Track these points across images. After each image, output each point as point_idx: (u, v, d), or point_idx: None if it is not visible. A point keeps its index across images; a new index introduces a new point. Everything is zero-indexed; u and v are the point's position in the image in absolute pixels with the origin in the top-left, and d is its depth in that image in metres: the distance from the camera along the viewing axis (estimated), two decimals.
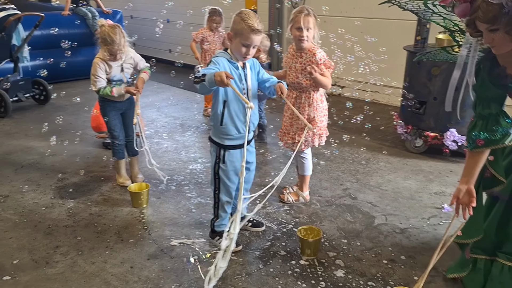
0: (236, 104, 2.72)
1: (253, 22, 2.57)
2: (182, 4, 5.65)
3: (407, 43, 4.75)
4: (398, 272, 2.76)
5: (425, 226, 3.26)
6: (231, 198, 2.96)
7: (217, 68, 2.57)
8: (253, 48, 2.65)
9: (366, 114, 5.86)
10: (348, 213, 3.45)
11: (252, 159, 2.98)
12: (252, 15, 2.62)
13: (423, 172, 4.15)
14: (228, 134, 2.77)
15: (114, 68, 3.56)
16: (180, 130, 5.32)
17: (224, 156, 2.82)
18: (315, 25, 3.21)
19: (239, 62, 2.73)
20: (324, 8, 4.04)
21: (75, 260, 2.88)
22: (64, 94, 5.71)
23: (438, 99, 4.26)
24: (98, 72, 3.49)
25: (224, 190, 2.91)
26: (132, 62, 3.67)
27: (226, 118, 2.72)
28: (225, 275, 2.71)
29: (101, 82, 3.51)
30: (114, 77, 3.58)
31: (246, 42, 2.61)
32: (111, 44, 3.42)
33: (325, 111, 3.46)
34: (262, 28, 2.62)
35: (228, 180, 2.87)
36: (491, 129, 2.23)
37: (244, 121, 2.73)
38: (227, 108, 2.71)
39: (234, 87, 2.52)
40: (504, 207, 2.46)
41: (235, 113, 2.72)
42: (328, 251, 2.97)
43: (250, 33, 2.58)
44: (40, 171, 4.21)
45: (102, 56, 3.51)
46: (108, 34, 3.41)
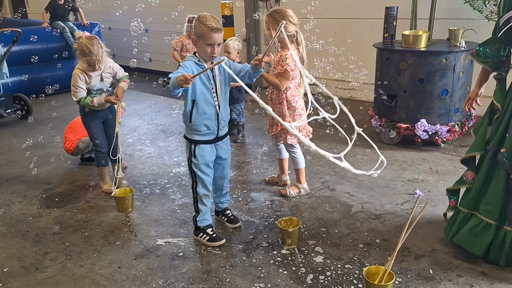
0: (204, 103, 2.89)
1: (211, 22, 2.75)
2: (161, 13, 5.78)
3: (376, 41, 4.93)
4: (374, 254, 2.92)
5: (398, 211, 3.43)
6: (208, 191, 3.10)
7: (185, 71, 2.74)
8: (218, 46, 2.82)
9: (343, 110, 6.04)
10: (327, 204, 3.60)
11: (225, 156, 3.14)
12: (210, 17, 2.79)
13: (397, 162, 4.32)
14: (197, 130, 2.95)
15: (93, 78, 3.66)
16: (163, 136, 5.44)
17: (195, 150, 2.99)
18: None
19: (207, 63, 2.89)
20: (303, 11, 4.23)
21: (64, 264, 2.98)
22: (46, 108, 5.80)
23: (408, 92, 4.45)
24: (78, 82, 3.60)
25: (200, 183, 3.06)
26: (111, 71, 3.78)
27: (195, 116, 2.91)
28: (210, 268, 2.84)
29: (81, 92, 3.61)
30: (94, 87, 3.69)
31: (209, 42, 2.79)
32: (89, 55, 3.53)
33: (301, 110, 3.56)
34: (221, 26, 2.79)
35: (201, 173, 3.02)
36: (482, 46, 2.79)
37: (212, 119, 2.92)
38: (196, 107, 2.89)
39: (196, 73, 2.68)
40: (490, 161, 2.74)
41: (202, 111, 2.90)
42: (308, 240, 3.11)
43: (210, 32, 2.75)
44: (25, 183, 4.29)
45: (81, 67, 3.62)
46: (85, 45, 3.52)
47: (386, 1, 5.26)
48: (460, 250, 2.88)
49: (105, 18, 9.48)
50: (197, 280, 2.74)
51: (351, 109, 6.25)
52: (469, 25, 4.77)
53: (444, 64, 4.28)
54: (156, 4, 3.97)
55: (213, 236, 3.12)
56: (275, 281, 2.70)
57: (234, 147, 4.97)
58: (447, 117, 4.46)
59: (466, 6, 4.84)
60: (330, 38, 6.01)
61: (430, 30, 4.76)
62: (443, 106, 4.42)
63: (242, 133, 5.11)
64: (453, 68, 4.29)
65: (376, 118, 4.80)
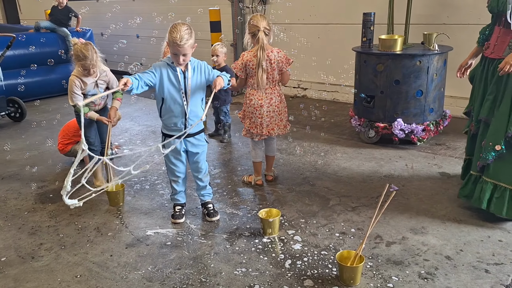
0: (172, 102, 3.19)
1: (176, 34, 2.98)
2: (150, 19, 6.01)
3: (355, 45, 5.19)
4: (348, 242, 3.15)
5: (373, 203, 3.66)
6: (176, 178, 3.48)
7: (151, 72, 3.10)
8: (183, 55, 3.06)
9: (326, 111, 6.31)
10: (306, 198, 3.83)
11: (196, 150, 3.40)
12: (179, 28, 3.01)
13: (375, 159, 4.57)
14: (166, 125, 3.30)
15: (89, 84, 3.87)
16: (153, 136, 5.66)
17: (164, 141, 3.30)
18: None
19: (180, 66, 3.16)
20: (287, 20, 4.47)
21: (58, 254, 3.18)
22: (39, 111, 5.99)
23: (385, 93, 4.70)
24: (74, 88, 3.81)
25: (169, 170, 3.49)
26: (106, 79, 3.99)
27: (164, 112, 3.24)
28: (195, 255, 3.06)
29: (77, 98, 3.82)
30: (88, 92, 3.90)
31: (174, 51, 3.06)
32: (83, 59, 3.73)
33: (254, 109, 3.84)
34: (185, 39, 2.99)
35: (169, 162, 3.42)
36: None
37: (179, 117, 3.22)
38: (164, 104, 3.21)
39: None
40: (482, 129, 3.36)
41: (170, 109, 3.21)
42: (288, 230, 3.34)
43: (174, 45, 3.01)
44: (20, 181, 4.48)
45: (77, 73, 3.83)
46: (80, 50, 3.73)
47: (364, 7, 5.54)
48: (429, 237, 3.12)
49: (96, 24, 9.68)
50: (183, 266, 2.96)
51: (335, 110, 6.57)
52: (442, 30, 5.05)
53: (418, 66, 4.54)
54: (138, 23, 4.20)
55: (175, 214, 3.53)
56: (256, 266, 2.92)
57: (221, 146, 5.20)
58: (422, 116, 4.71)
59: (440, 11, 5.13)
60: (312, 42, 6.30)
61: (406, 34, 5.03)
62: (418, 106, 4.68)
63: (228, 133, 5.34)
64: (427, 70, 4.55)
65: (355, 118, 5.05)
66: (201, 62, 3.30)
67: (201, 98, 3.31)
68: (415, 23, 5.30)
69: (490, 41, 3.33)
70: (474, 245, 3.04)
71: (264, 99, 3.81)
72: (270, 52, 3.74)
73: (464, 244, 3.05)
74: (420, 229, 3.26)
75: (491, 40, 3.32)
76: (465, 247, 3.02)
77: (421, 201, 3.67)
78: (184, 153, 3.39)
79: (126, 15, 9.47)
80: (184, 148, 3.36)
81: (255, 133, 3.91)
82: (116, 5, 8.77)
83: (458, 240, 3.10)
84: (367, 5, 5.79)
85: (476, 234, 3.16)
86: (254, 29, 3.69)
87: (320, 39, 6.73)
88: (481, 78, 3.37)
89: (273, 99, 3.84)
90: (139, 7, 9.50)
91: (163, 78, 3.16)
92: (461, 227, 3.26)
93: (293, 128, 5.66)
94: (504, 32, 3.17)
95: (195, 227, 3.44)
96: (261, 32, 3.67)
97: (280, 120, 3.91)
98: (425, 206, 3.58)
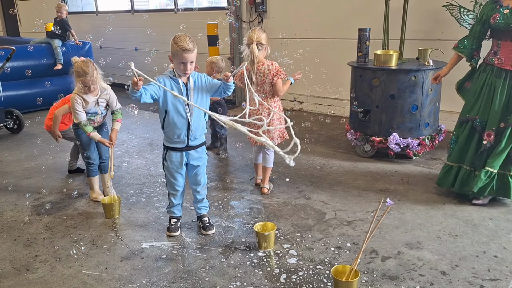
0: (175, 114, 3.21)
1: (183, 43, 3.04)
2: (148, 33, 6.06)
3: (351, 60, 5.24)
4: (343, 256, 3.15)
5: (369, 217, 3.67)
6: (174, 191, 3.47)
7: (156, 84, 3.09)
8: (190, 63, 3.11)
9: (322, 125, 6.34)
10: (302, 211, 3.84)
11: (196, 163, 3.41)
12: (183, 37, 3.07)
13: (371, 173, 4.59)
14: (169, 137, 3.30)
15: (90, 103, 3.90)
16: (149, 148, 5.67)
17: (166, 155, 3.35)
18: None
19: (182, 78, 3.20)
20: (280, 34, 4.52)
21: (53, 266, 3.17)
22: (37, 122, 6.00)
23: (380, 107, 4.74)
24: (76, 106, 3.83)
25: (168, 184, 3.48)
26: (107, 97, 4.01)
27: (166, 125, 3.25)
28: (190, 269, 3.06)
29: (81, 115, 3.85)
30: (89, 110, 3.92)
31: (182, 61, 3.10)
32: (83, 75, 3.76)
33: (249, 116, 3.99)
34: (192, 46, 3.07)
35: (169, 175, 3.41)
36: (461, 41, 3.89)
37: (182, 129, 3.22)
38: (167, 116, 3.23)
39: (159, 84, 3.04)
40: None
41: (172, 121, 3.22)
42: (283, 244, 3.34)
43: (182, 52, 3.06)
44: (16, 192, 4.48)
45: (78, 91, 3.85)
46: (80, 67, 3.76)
47: (360, 22, 5.60)
48: (424, 252, 3.13)
49: (96, 37, 9.74)
50: (178, 279, 2.95)
51: (331, 124, 6.59)
52: (437, 45, 5.10)
53: (413, 81, 4.59)
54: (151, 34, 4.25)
55: (171, 227, 3.53)
56: (251, 280, 2.92)
57: (217, 159, 5.22)
58: (418, 131, 4.74)
59: (434, 27, 5.19)
60: (308, 56, 6.36)
61: (401, 49, 5.08)
62: (413, 121, 4.71)
63: (224, 146, 5.36)
64: (422, 85, 4.60)
65: (351, 132, 5.08)
66: (201, 73, 3.33)
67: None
68: (410, 39, 5.36)
69: (501, 55, 3.63)
70: (469, 260, 3.05)
71: (253, 111, 3.91)
72: (261, 65, 3.86)
73: (459, 260, 3.06)
74: (416, 244, 3.27)
75: (502, 55, 3.62)
76: (461, 262, 3.03)
77: (416, 216, 3.68)
78: (184, 166, 3.40)
79: (124, 29, 9.59)
80: (185, 161, 3.37)
81: (250, 138, 3.98)
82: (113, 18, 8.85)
83: (454, 255, 3.11)
84: (362, 20, 5.86)
85: (472, 250, 3.17)
86: (249, 41, 3.80)
87: (317, 53, 6.79)
88: (502, 89, 3.64)
89: (261, 111, 3.93)
90: (136, 21, 9.58)
91: (166, 91, 3.16)
92: (456, 242, 3.27)
93: (289, 141, 5.68)
94: None
95: (191, 240, 3.44)
96: (253, 45, 3.77)
97: (267, 131, 3.95)
98: (421, 221, 3.59)
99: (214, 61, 5.03)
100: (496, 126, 3.69)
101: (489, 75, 3.73)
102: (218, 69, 5.00)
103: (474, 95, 3.83)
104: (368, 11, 6.02)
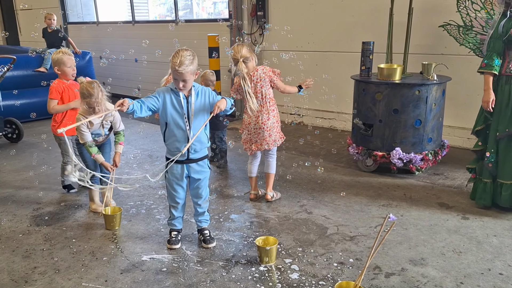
0: (175, 126, 3.21)
1: (176, 60, 3.03)
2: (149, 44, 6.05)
3: (354, 73, 5.23)
4: (346, 272, 3.11)
5: (372, 233, 3.63)
6: (175, 204, 3.45)
7: (155, 97, 3.14)
8: (183, 81, 3.09)
9: (323, 139, 6.32)
10: (303, 226, 3.80)
11: (197, 176, 3.39)
12: (181, 54, 3.06)
13: (373, 188, 4.55)
14: (170, 150, 3.29)
15: (95, 124, 3.88)
16: (149, 160, 5.64)
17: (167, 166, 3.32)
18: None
19: (183, 91, 3.19)
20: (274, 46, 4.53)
21: (52, 278, 3.12)
22: (36, 132, 5.97)
23: (383, 122, 4.72)
24: (81, 127, 3.81)
25: (169, 196, 3.47)
26: (112, 119, 3.98)
27: (167, 137, 3.26)
28: (191, 282, 3.01)
29: (86, 136, 3.82)
30: (94, 131, 3.90)
31: (175, 77, 3.11)
32: (88, 97, 3.73)
33: (245, 126, 4.16)
34: (185, 65, 3.04)
35: (170, 187, 3.40)
36: (490, 59, 3.80)
37: (182, 142, 3.22)
38: (168, 129, 3.23)
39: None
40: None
41: (173, 134, 3.22)
42: (285, 258, 3.29)
43: (174, 70, 3.06)
44: (15, 203, 4.43)
45: (82, 112, 3.82)
46: (86, 88, 3.73)
47: (363, 36, 5.61)
48: (428, 269, 3.09)
49: (96, 48, 9.76)
50: None
51: (332, 137, 6.57)
52: (440, 60, 5.11)
53: (417, 96, 4.58)
54: (146, 44, 4.27)
55: (171, 239, 3.49)
56: None
57: (217, 172, 5.18)
58: (421, 146, 4.72)
59: (438, 42, 5.20)
60: (310, 69, 6.36)
61: (405, 64, 5.08)
62: (417, 136, 4.69)
63: (224, 159, 5.33)
64: (426, 100, 4.59)
65: (353, 146, 5.06)
66: (205, 87, 3.32)
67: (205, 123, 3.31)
68: (414, 53, 5.37)
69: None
70: (474, 278, 3.01)
71: (252, 117, 4.06)
72: (255, 72, 3.98)
73: (464, 277, 3.01)
74: (420, 260, 3.23)
75: None
76: (466, 279, 2.99)
77: (420, 232, 3.64)
78: (186, 178, 3.37)
79: (125, 39, 9.60)
80: (186, 174, 3.35)
81: (247, 148, 4.18)
82: (113, 29, 8.86)
83: (458, 272, 3.07)
84: (366, 34, 5.87)
85: (476, 267, 3.13)
86: (234, 61, 3.92)
87: (318, 66, 6.79)
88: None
89: (260, 117, 4.04)
90: (138, 31, 9.60)
91: (166, 103, 3.18)
92: (461, 259, 3.23)
93: (290, 155, 5.67)
94: None
95: (191, 254, 3.39)
96: (240, 63, 3.87)
97: (268, 135, 4.08)
98: (424, 237, 3.55)
99: (203, 75, 5.13)
100: None
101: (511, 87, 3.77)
102: (206, 82, 5.07)
103: (500, 109, 3.82)
104: (372, 25, 6.04)
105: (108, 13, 10.97)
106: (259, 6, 7.38)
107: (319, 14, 6.74)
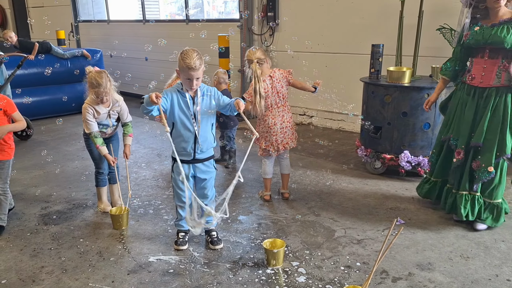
0: (182, 127, 3.23)
1: (189, 60, 3.03)
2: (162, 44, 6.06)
3: (363, 75, 5.21)
4: (353, 276, 3.10)
5: (379, 236, 3.62)
6: (182, 203, 3.42)
7: (164, 97, 3.12)
8: (196, 79, 3.11)
9: (332, 140, 6.31)
10: (311, 228, 3.79)
11: (203, 176, 3.40)
12: (190, 54, 3.06)
13: (381, 191, 4.53)
14: (176, 150, 3.26)
15: (102, 114, 3.88)
16: (158, 159, 5.65)
17: (173, 166, 3.35)
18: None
19: (189, 92, 3.20)
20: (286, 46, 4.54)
21: (60, 278, 3.14)
22: (45, 130, 6.01)
23: (392, 124, 4.70)
24: (88, 116, 3.81)
25: (176, 195, 3.47)
26: (119, 109, 3.97)
27: (174, 137, 3.26)
28: (198, 284, 3.01)
29: (92, 125, 3.82)
30: (101, 121, 3.90)
31: (188, 77, 3.11)
32: (97, 87, 3.73)
33: (269, 128, 4.15)
34: (199, 64, 3.06)
35: (176, 187, 3.41)
36: (445, 64, 3.89)
37: (188, 142, 3.24)
38: (175, 129, 3.25)
39: (161, 107, 3.06)
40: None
41: (179, 134, 3.24)
42: (292, 261, 3.29)
43: (187, 70, 3.06)
44: (24, 201, 4.46)
45: (90, 101, 3.82)
46: (94, 78, 3.73)
47: (373, 38, 5.58)
48: (435, 274, 3.07)
49: (106, 46, 9.79)
50: None
51: (341, 139, 6.54)
52: None
53: (426, 99, 4.53)
54: (164, 44, 4.27)
55: (178, 240, 3.50)
56: None
57: (225, 172, 5.18)
58: (430, 149, 4.69)
59: (447, 45, 5.15)
60: (320, 71, 6.34)
61: (414, 66, 5.05)
62: (425, 139, 4.66)
63: (233, 159, 5.33)
64: (435, 103, 4.54)
65: (362, 148, 5.04)
66: (211, 87, 3.33)
67: (211, 123, 3.33)
68: (423, 56, 5.33)
69: (472, 72, 3.62)
70: (481, 283, 2.98)
71: (277, 117, 4.11)
72: (273, 73, 4.06)
73: (471, 283, 2.99)
74: (427, 265, 3.21)
75: (474, 72, 3.61)
76: (473, 285, 2.96)
77: (427, 236, 3.62)
78: (192, 178, 3.38)
79: (136, 38, 9.64)
80: (192, 174, 3.35)
81: (273, 150, 4.16)
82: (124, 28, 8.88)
83: (466, 278, 3.05)
84: (376, 36, 5.84)
85: (484, 273, 3.11)
86: (249, 62, 3.97)
87: (328, 68, 6.77)
88: (470, 106, 3.65)
89: (285, 116, 4.14)
90: (148, 30, 9.62)
91: (173, 104, 3.20)
92: (468, 264, 3.21)
93: (299, 156, 5.66)
94: (490, 62, 3.51)
95: (198, 255, 3.40)
96: (254, 64, 3.92)
97: (292, 133, 4.21)
98: (432, 241, 3.53)
99: (216, 74, 5.17)
100: (465, 144, 3.68)
101: (462, 93, 3.73)
102: (219, 80, 5.10)
103: (450, 114, 3.87)
104: (382, 27, 6.01)
105: (119, 11, 11.00)
106: (270, 7, 7.37)
107: (329, 15, 6.72)
